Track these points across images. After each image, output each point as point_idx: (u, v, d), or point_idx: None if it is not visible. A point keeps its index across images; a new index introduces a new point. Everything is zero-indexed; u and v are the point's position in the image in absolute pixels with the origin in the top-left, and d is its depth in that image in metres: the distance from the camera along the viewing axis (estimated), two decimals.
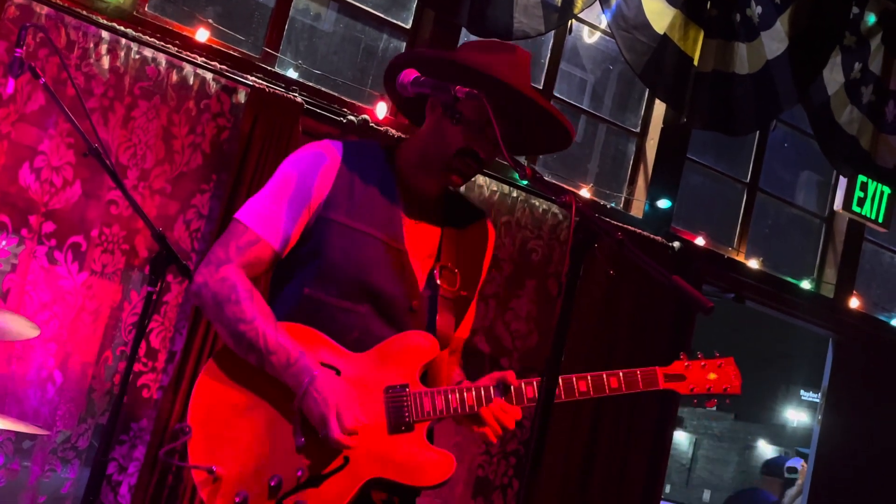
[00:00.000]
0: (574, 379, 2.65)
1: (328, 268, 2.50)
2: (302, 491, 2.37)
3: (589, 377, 2.66)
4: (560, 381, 2.61)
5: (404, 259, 2.58)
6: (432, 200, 2.70)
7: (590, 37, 6.73)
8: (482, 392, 2.56)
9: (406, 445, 2.47)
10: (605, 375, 2.68)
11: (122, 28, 4.64)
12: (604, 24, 6.14)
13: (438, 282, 2.63)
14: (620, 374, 2.70)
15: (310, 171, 2.56)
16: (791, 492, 7.26)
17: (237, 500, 2.34)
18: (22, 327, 3.76)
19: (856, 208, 7.06)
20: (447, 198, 2.76)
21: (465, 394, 2.54)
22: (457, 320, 2.68)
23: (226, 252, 2.49)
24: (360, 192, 2.57)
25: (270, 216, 2.52)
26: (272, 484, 2.35)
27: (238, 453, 2.39)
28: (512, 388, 2.59)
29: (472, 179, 5.51)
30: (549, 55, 6.16)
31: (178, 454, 2.41)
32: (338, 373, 2.44)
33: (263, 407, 2.43)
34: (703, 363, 2.76)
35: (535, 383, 2.62)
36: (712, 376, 2.77)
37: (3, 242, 4.44)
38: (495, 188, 5.63)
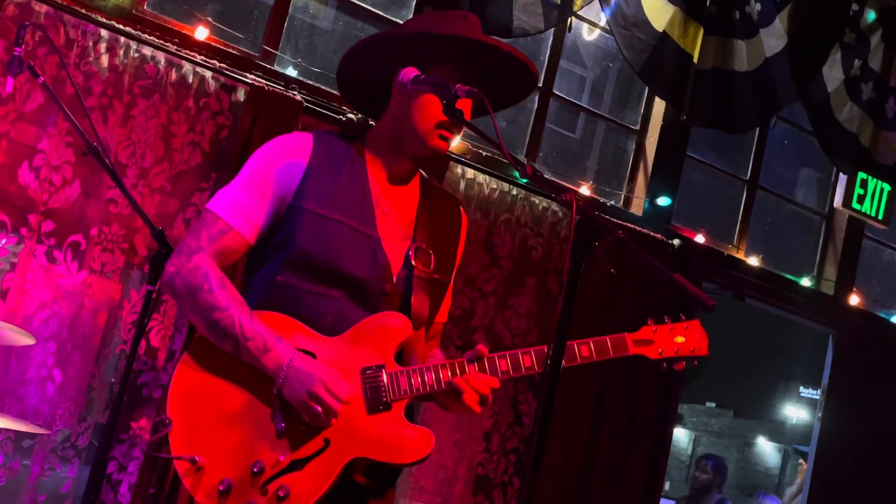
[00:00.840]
0: (546, 349, 2.65)
1: (300, 255, 2.52)
2: (284, 475, 2.40)
3: (530, 352, 2.66)
4: (532, 352, 2.62)
5: (376, 245, 2.60)
6: (406, 183, 2.73)
7: (589, 34, 6.72)
8: (457, 367, 2.56)
9: (385, 424, 2.49)
10: (575, 345, 2.69)
11: (121, 26, 4.63)
12: (603, 22, 6.14)
13: (413, 262, 2.64)
14: (591, 342, 2.72)
15: (279, 161, 2.59)
16: (791, 490, 7.27)
17: (220, 487, 2.37)
18: (17, 336, 3.76)
19: (856, 205, 7.06)
20: (421, 182, 2.79)
21: (440, 371, 2.55)
22: (431, 301, 2.70)
23: (197, 241, 2.52)
24: (330, 179, 2.60)
25: (241, 206, 2.55)
26: (254, 470, 2.38)
27: (219, 442, 2.41)
28: (484, 359, 2.59)
29: (472, 177, 5.52)
30: (548, 52, 6.15)
31: (164, 447, 2.42)
32: (314, 357, 2.47)
33: (241, 394, 2.45)
34: (670, 327, 2.78)
35: (507, 356, 2.61)
36: (680, 339, 2.78)
37: (3, 241, 4.44)
38: (495, 186, 5.62)
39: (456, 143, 2.73)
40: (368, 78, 2.75)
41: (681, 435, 34.12)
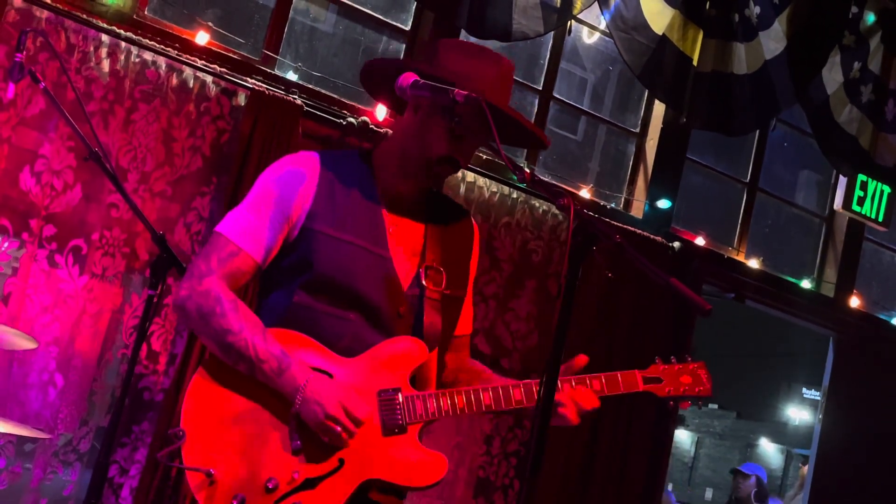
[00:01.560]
0: (559, 382, 2.66)
1: (318, 278, 2.52)
2: (298, 493, 2.40)
3: (573, 380, 2.69)
4: (521, 386, 2.64)
5: (388, 266, 2.59)
6: (414, 200, 2.71)
7: (589, 37, 6.74)
8: (472, 395, 2.58)
9: (400, 447, 2.50)
10: (588, 379, 2.71)
11: (121, 31, 4.65)
12: (603, 25, 6.15)
13: (424, 282, 2.64)
14: (602, 377, 2.73)
15: (289, 182, 2.57)
16: (790, 493, 7.28)
17: (234, 502, 2.36)
18: (19, 340, 3.77)
19: (856, 207, 7.07)
20: (429, 197, 2.78)
21: (455, 397, 2.56)
22: (445, 320, 2.68)
23: (207, 264, 2.50)
24: (341, 200, 2.58)
25: (250, 228, 2.53)
26: (269, 486, 2.38)
27: (233, 456, 2.41)
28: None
29: (472, 181, 5.53)
30: (548, 55, 6.17)
31: (176, 458, 2.42)
32: (330, 377, 2.47)
33: (256, 410, 2.45)
34: (677, 367, 2.87)
35: (521, 386, 2.63)
36: (686, 379, 2.86)
37: (4, 246, 4.45)
38: (495, 189, 5.64)
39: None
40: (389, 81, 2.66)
41: (683, 437, 34.12)
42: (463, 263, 2.78)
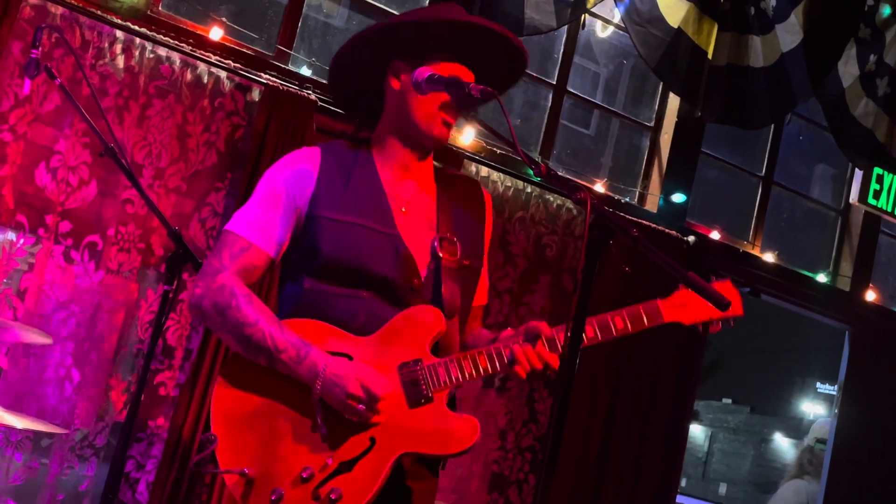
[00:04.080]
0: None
1: (325, 262, 2.54)
2: (335, 478, 2.40)
3: (595, 321, 2.68)
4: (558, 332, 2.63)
5: (397, 242, 2.60)
6: (419, 176, 2.73)
7: (603, 31, 6.71)
8: (493, 353, 2.57)
9: (429, 417, 2.49)
10: (609, 317, 2.71)
11: (136, 27, 4.66)
12: (616, 19, 6.13)
13: (440, 253, 2.64)
14: (624, 312, 2.74)
15: (289, 174, 2.62)
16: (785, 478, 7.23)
17: (273, 497, 2.38)
18: (35, 336, 3.79)
19: (871, 201, 7.03)
20: (436, 173, 2.80)
21: (477, 358, 2.56)
22: (462, 290, 2.69)
23: (220, 261, 2.53)
24: (343, 185, 2.61)
25: (259, 223, 2.57)
26: (304, 476, 2.39)
27: (265, 453, 2.43)
28: (543, 337, 2.59)
29: (486, 175, 5.52)
30: (562, 49, 6.15)
31: (209, 463, 2.44)
32: (350, 359, 2.48)
33: (282, 405, 2.47)
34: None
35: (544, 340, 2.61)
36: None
37: (21, 242, 4.47)
38: (509, 184, 5.63)
39: (469, 142, 2.71)
40: (358, 78, 2.77)
41: (697, 431, 34.04)
42: (477, 233, 2.80)
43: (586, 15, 5.87)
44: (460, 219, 2.75)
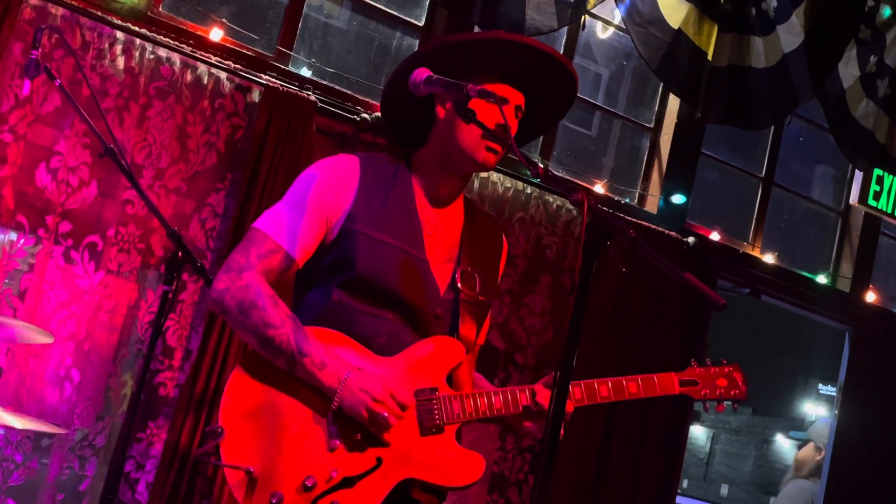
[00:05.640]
0: (595, 384, 2.74)
1: (357, 277, 2.53)
2: (336, 492, 2.41)
3: (610, 382, 2.75)
4: (582, 385, 2.72)
5: (426, 268, 2.61)
6: (452, 204, 2.73)
7: (603, 32, 6.71)
8: (509, 396, 2.61)
9: (437, 447, 2.52)
10: (624, 381, 2.76)
11: (136, 28, 4.66)
12: (617, 20, 6.13)
13: (459, 286, 2.66)
14: (639, 379, 2.79)
15: (329, 183, 2.59)
16: (786, 478, 7.22)
17: (273, 500, 2.37)
18: (36, 335, 3.79)
19: (871, 202, 7.03)
20: (465, 204, 2.80)
21: (493, 397, 2.60)
22: (477, 325, 2.72)
23: (247, 259, 2.52)
24: (380, 203, 2.60)
25: (289, 227, 2.55)
26: (307, 484, 2.38)
27: (271, 454, 2.41)
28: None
29: (486, 176, 5.52)
30: (562, 51, 6.15)
31: (213, 456, 2.43)
32: None
33: (296, 408, 2.46)
34: (713, 370, 2.94)
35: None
36: (722, 382, 2.93)
37: (21, 243, 4.47)
38: (509, 185, 5.63)
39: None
40: (409, 105, 2.69)
41: (698, 432, 34.01)
42: (493, 272, 2.82)
43: (587, 16, 5.87)
44: (481, 254, 2.76)
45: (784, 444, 33.41)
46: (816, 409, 34.31)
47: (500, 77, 2.63)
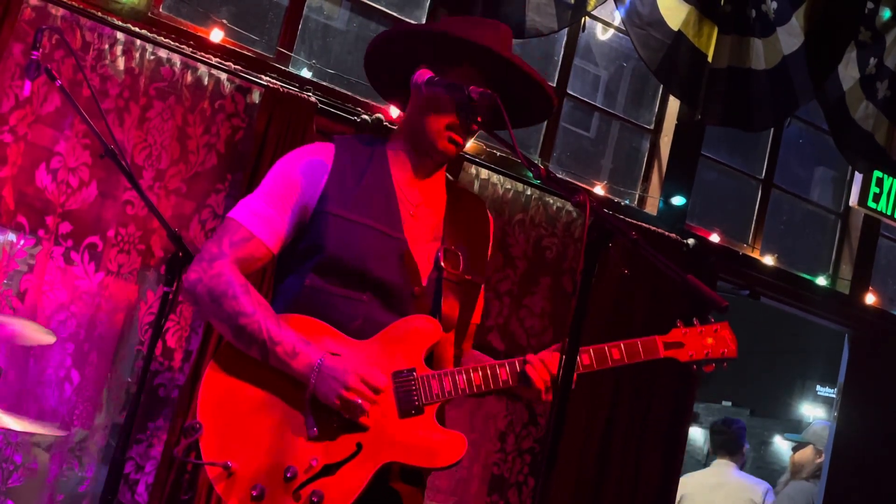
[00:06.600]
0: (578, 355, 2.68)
1: (329, 260, 2.53)
2: (317, 480, 2.40)
3: (591, 350, 2.71)
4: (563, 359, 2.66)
5: (403, 247, 2.60)
6: (432, 184, 2.73)
7: (603, 34, 6.72)
8: (488, 371, 2.58)
9: (417, 428, 2.49)
10: (606, 347, 2.73)
11: (136, 29, 4.66)
12: (617, 21, 6.13)
13: (443, 264, 2.64)
14: (622, 344, 2.75)
15: (301, 169, 2.60)
16: (782, 479, 7.21)
17: (254, 493, 2.36)
18: (37, 333, 3.79)
19: (871, 204, 7.03)
20: (447, 184, 2.80)
21: (471, 374, 2.56)
22: (462, 304, 2.69)
23: (219, 247, 2.52)
24: (354, 184, 2.60)
25: (263, 214, 2.55)
26: (287, 475, 2.38)
27: (251, 447, 2.41)
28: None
29: (486, 177, 5.52)
30: (562, 52, 6.15)
31: (193, 452, 2.43)
32: None
33: (272, 400, 2.46)
34: (700, 329, 2.82)
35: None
36: (709, 341, 2.82)
37: (21, 243, 4.47)
38: (509, 186, 5.63)
39: (469, 144, 2.73)
40: (393, 68, 2.76)
41: (697, 434, 33.99)
42: (480, 251, 2.80)
43: (587, 17, 5.87)
44: (466, 233, 2.75)
45: (782, 446, 33.38)
46: (814, 411, 34.31)
47: (484, 80, 2.63)
